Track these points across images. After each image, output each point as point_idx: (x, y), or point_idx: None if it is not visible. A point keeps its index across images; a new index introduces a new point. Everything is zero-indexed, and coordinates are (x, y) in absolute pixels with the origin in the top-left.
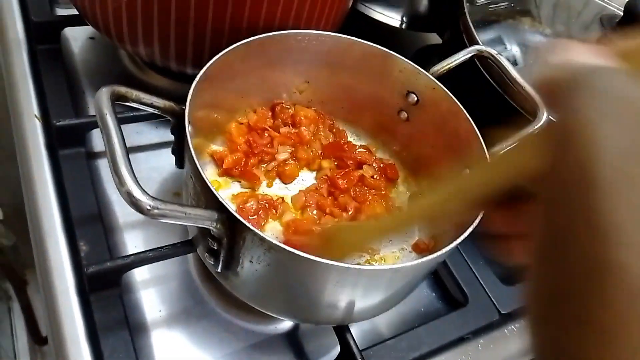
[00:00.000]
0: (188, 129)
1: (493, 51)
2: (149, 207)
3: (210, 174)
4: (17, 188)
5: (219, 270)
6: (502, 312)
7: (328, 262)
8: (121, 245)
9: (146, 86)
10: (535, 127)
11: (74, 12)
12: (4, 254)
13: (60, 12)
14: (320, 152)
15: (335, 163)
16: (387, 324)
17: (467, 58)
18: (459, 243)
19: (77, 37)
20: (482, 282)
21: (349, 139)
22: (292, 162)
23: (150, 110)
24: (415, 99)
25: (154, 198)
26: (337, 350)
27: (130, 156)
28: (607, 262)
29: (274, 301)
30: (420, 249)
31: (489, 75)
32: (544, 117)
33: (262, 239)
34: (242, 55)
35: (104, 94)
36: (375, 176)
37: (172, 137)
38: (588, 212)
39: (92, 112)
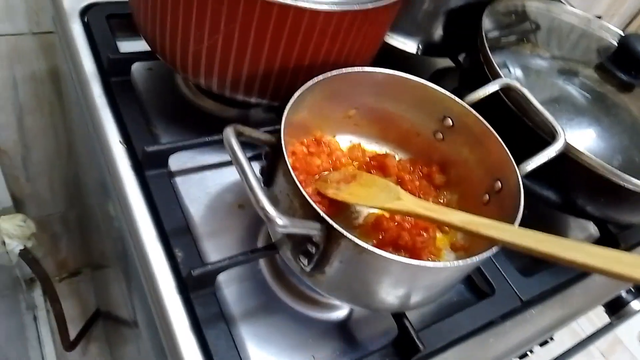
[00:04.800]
0: (288, 160)
1: (518, 84)
2: (279, 222)
3: None
4: None
5: (308, 270)
6: (523, 299)
7: (404, 260)
8: (204, 251)
9: (199, 108)
10: (556, 148)
11: (138, 46)
12: (39, 264)
13: (123, 45)
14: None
15: None
16: (426, 313)
17: (495, 89)
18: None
19: (135, 69)
20: (504, 275)
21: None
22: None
23: (255, 142)
24: (451, 122)
25: (281, 215)
26: (394, 333)
27: (198, 174)
28: None
29: (350, 292)
30: (456, 248)
31: (510, 101)
32: (562, 140)
33: (356, 245)
34: (312, 90)
35: (230, 133)
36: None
37: (219, 159)
38: None
39: (164, 140)
